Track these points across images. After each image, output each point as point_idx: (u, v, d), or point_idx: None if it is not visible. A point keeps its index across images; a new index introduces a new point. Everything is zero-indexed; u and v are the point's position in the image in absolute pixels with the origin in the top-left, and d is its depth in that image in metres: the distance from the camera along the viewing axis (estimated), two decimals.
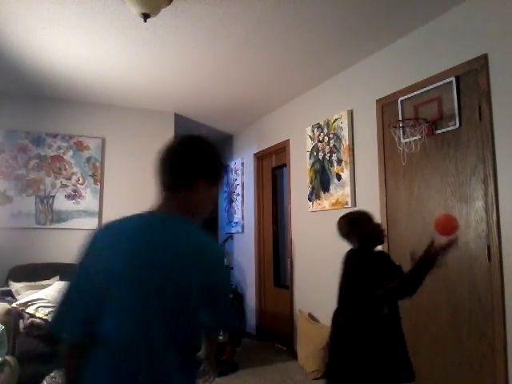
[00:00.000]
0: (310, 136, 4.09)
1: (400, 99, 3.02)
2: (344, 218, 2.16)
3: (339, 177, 3.65)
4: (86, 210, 4.39)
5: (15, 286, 3.63)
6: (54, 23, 2.83)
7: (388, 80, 3.20)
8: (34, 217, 4.17)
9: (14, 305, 3.28)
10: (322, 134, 3.91)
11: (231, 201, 5.86)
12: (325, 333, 3.61)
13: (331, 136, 3.79)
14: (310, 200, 4.05)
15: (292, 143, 4.48)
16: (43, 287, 3.59)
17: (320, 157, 3.94)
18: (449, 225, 1.88)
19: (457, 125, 2.63)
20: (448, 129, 2.69)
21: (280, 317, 4.66)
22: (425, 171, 2.87)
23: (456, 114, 2.63)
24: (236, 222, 5.68)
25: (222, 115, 5.02)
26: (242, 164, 5.59)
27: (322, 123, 3.92)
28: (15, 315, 3.18)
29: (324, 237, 3.88)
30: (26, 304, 3.31)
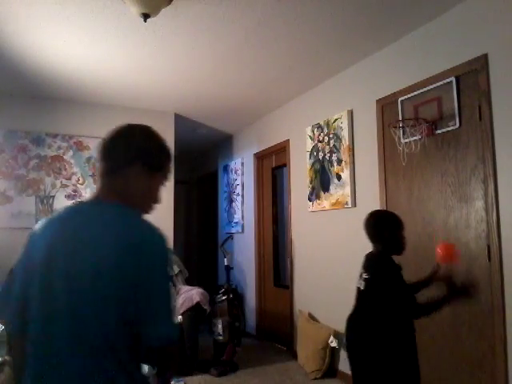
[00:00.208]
0: (310, 136, 4.09)
1: (400, 99, 3.02)
2: (379, 213, 2.14)
3: (339, 177, 3.65)
4: None
5: None
6: (54, 23, 2.83)
7: (388, 80, 3.20)
8: (34, 217, 4.16)
9: None
10: (322, 134, 3.91)
11: (231, 201, 5.86)
12: (325, 333, 3.62)
13: (331, 136, 3.79)
14: (310, 200, 4.05)
15: (292, 143, 4.48)
16: None
17: (320, 157, 3.94)
18: (448, 254, 2.11)
19: (457, 125, 2.63)
20: (448, 129, 2.69)
21: (280, 317, 4.66)
22: (425, 171, 2.87)
23: (456, 114, 2.63)
24: (236, 222, 5.68)
25: (222, 115, 5.02)
26: (242, 164, 5.59)
27: (322, 123, 3.92)
28: None
29: (324, 237, 3.88)
30: None
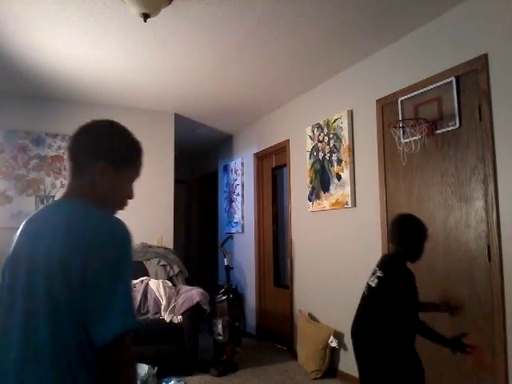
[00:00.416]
0: (310, 136, 4.09)
1: (400, 99, 3.02)
2: (411, 220, 2.13)
3: (339, 177, 3.65)
4: None
5: None
6: (54, 23, 2.84)
7: (388, 80, 3.20)
8: None
9: None
10: (322, 134, 3.91)
11: (231, 201, 5.86)
12: (325, 333, 3.62)
13: (331, 136, 3.79)
14: (310, 200, 4.05)
15: (292, 143, 4.48)
16: None
17: (320, 157, 3.94)
18: (481, 359, 2.35)
19: (457, 125, 2.63)
20: (448, 129, 2.69)
21: (280, 317, 4.66)
22: (425, 171, 2.87)
23: (456, 114, 2.63)
24: (236, 222, 5.68)
25: (222, 115, 5.02)
26: (242, 164, 5.59)
27: (322, 123, 3.92)
28: None
29: (324, 237, 3.88)
30: None
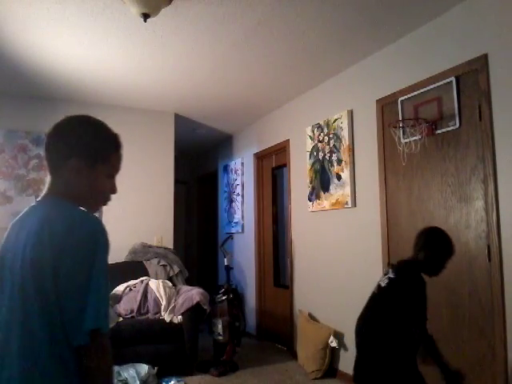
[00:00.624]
0: (310, 136, 4.09)
1: (400, 99, 3.02)
2: (444, 238, 2.13)
3: (339, 177, 3.65)
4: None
5: None
6: (54, 23, 2.83)
7: (388, 80, 3.20)
8: None
9: None
10: (322, 134, 3.91)
11: (231, 201, 5.86)
12: (325, 333, 3.62)
13: (331, 136, 3.78)
14: (310, 200, 4.05)
15: (292, 143, 4.48)
16: None
17: (320, 157, 3.94)
18: None
19: (457, 125, 2.63)
20: (448, 129, 2.69)
21: (280, 317, 4.66)
22: (425, 171, 2.87)
23: (456, 114, 2.63)
24: (236, 222, 5.68)
25: (222, 115, 5.02)
26: (242, 164, 5.59)
27: (322, 123, 3.92)
28: None
29: (324, 237, 3.88)
30: None
